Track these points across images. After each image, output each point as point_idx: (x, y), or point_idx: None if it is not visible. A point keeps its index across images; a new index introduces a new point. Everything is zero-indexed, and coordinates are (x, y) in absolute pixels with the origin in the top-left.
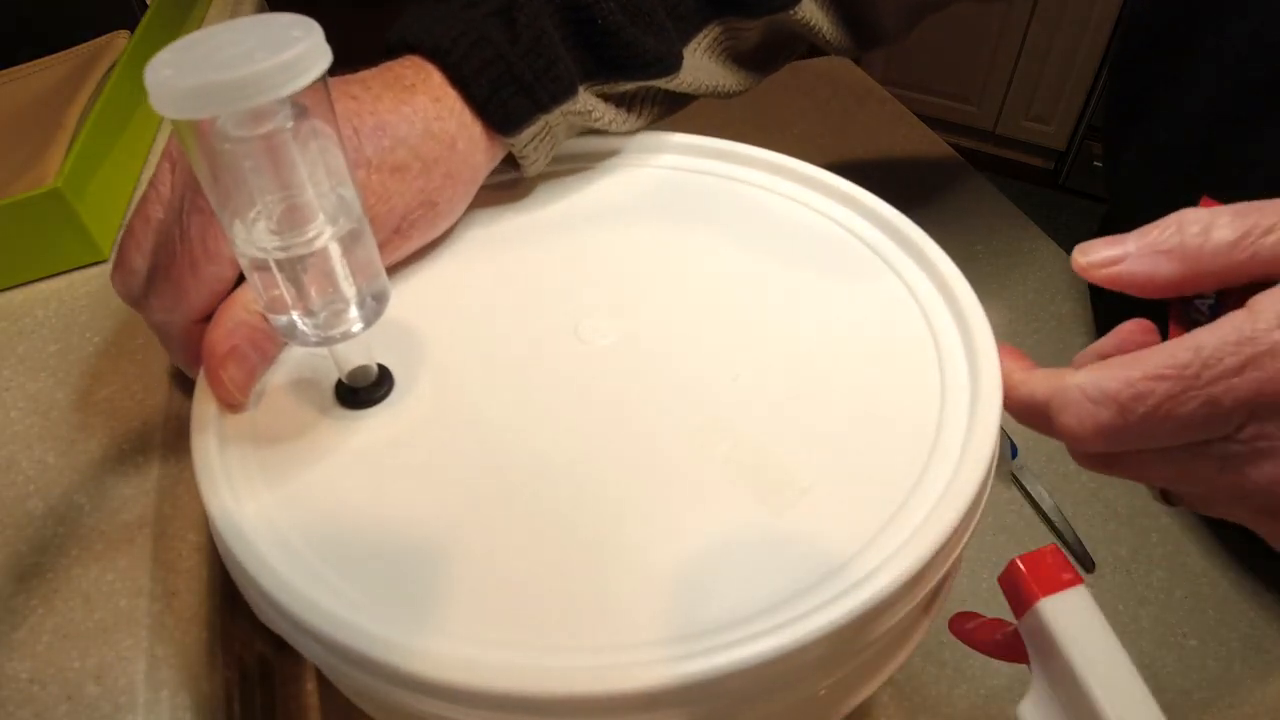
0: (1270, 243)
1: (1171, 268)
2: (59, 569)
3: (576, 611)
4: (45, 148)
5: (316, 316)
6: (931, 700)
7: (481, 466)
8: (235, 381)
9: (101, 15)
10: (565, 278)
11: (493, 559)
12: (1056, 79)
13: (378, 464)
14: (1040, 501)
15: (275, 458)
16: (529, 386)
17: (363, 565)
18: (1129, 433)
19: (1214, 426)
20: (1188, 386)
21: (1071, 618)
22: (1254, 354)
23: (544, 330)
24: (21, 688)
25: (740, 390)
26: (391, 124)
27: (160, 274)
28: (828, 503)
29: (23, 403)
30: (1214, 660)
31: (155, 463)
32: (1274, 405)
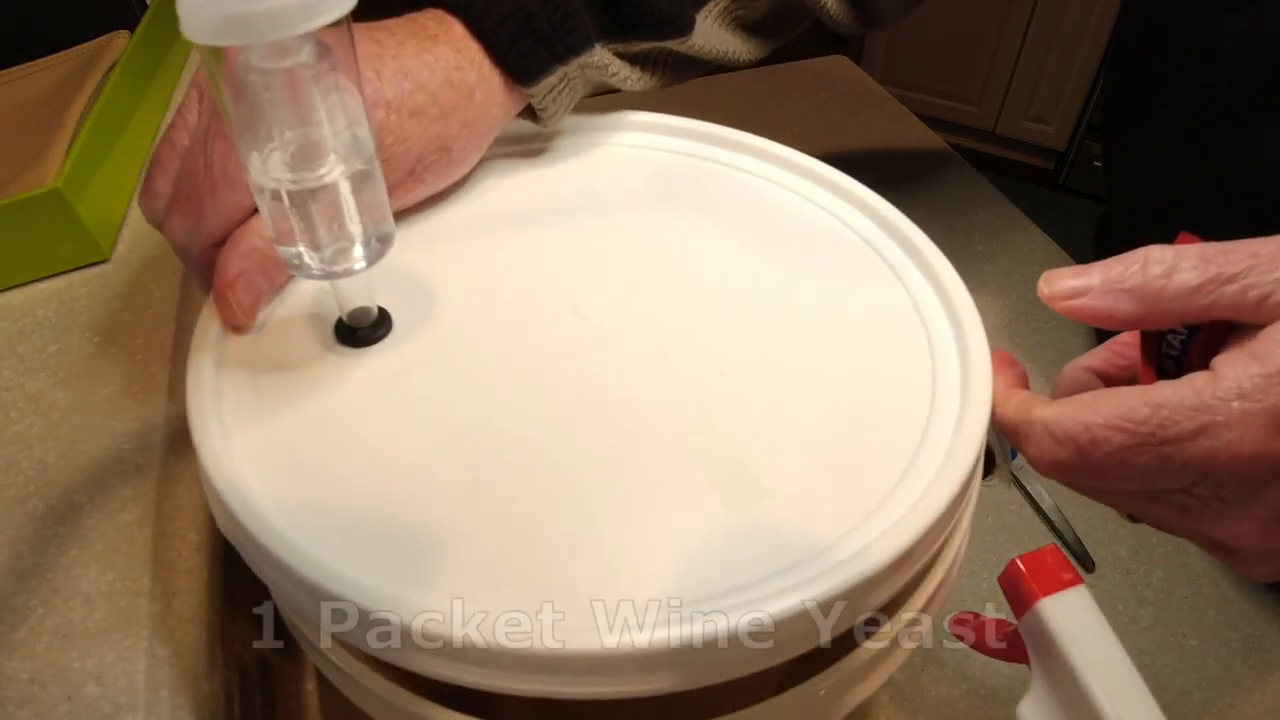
0: (1231, 292)
1: (1131, 307)
2: (59, 569)
3: (562, 566)
4: (45, 148)
5: (322, 252)
6: (931, 700)
7: (469, 416)
8: (241, 305)
9: (101, 15)
10: (567, 254)
11: (472, 505)
12: (1056, 79)
13: (369, 402)
14: (1040, 501)
15: (269, 385)
16: (521, 349)
17: (344, 502)
18: (1086, 471)
19: (1167, 480)
20: (1142, 441)
21: (1071, 618)
22: (1209, 422)
23: (541, 300)
24: (21, 688)
25: (728, 377)
26: (413, 69)
27: (182, 197)
28: (810, 489)
29: (23, 403)
30: (1214, 660)
31: (155, 463)
32: (1226, 471)
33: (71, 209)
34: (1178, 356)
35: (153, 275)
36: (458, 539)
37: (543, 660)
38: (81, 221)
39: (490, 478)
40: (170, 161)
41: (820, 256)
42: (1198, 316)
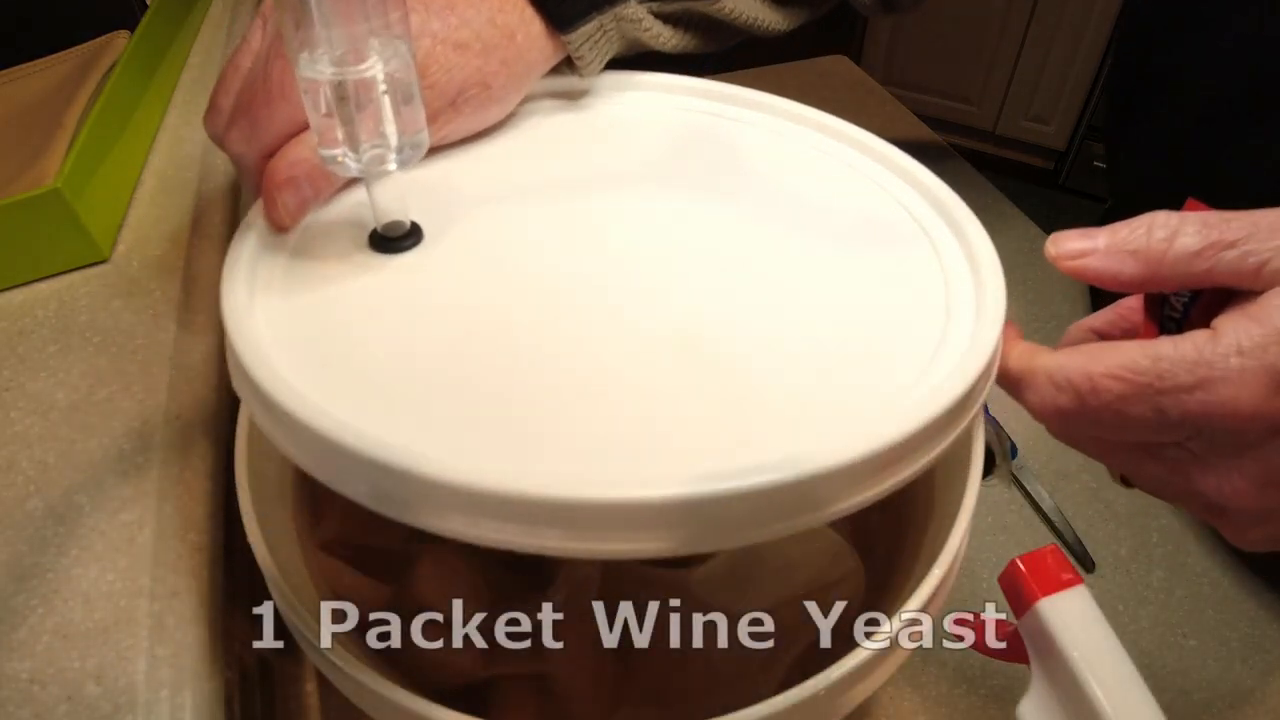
0: (1229, 258)
1: (1134, 268)
2: (59, 569)
3: (578, 431)
4: (45, 148)
5: (361, 153)
6: (931, 700)
7: (484, 310)
8: (287, 207)
9: (101, 15)
10: (595, 189)
11: (483, 378)
12: (1056, 79)
13: (390, 292)
14: (1040, 501)
15: (300, 271)
16: (541, 270)
17: (356, 371)
18: (1083, 420)
19: (1162, 433)
20: (1140, 392)
21: (1071, 618)
22: (1206, 376)
23: (563, 226)
24: (21, 688)
25: (748, 288)
26: (459, 7)
27: (241, 110)
28: (841, 369)
29: (23, 403)
30: (1214, 660)
31: (155, 463)
32: (1222, 427)
33: (71, 209)
34: (1179, 319)
35: (153, 275)
36: (470, 405)
37: (562, 510)
38: (81, 221)
39: (504, 361)
40: (233, 81)
41: (844, 204)
42: (1198, 281)
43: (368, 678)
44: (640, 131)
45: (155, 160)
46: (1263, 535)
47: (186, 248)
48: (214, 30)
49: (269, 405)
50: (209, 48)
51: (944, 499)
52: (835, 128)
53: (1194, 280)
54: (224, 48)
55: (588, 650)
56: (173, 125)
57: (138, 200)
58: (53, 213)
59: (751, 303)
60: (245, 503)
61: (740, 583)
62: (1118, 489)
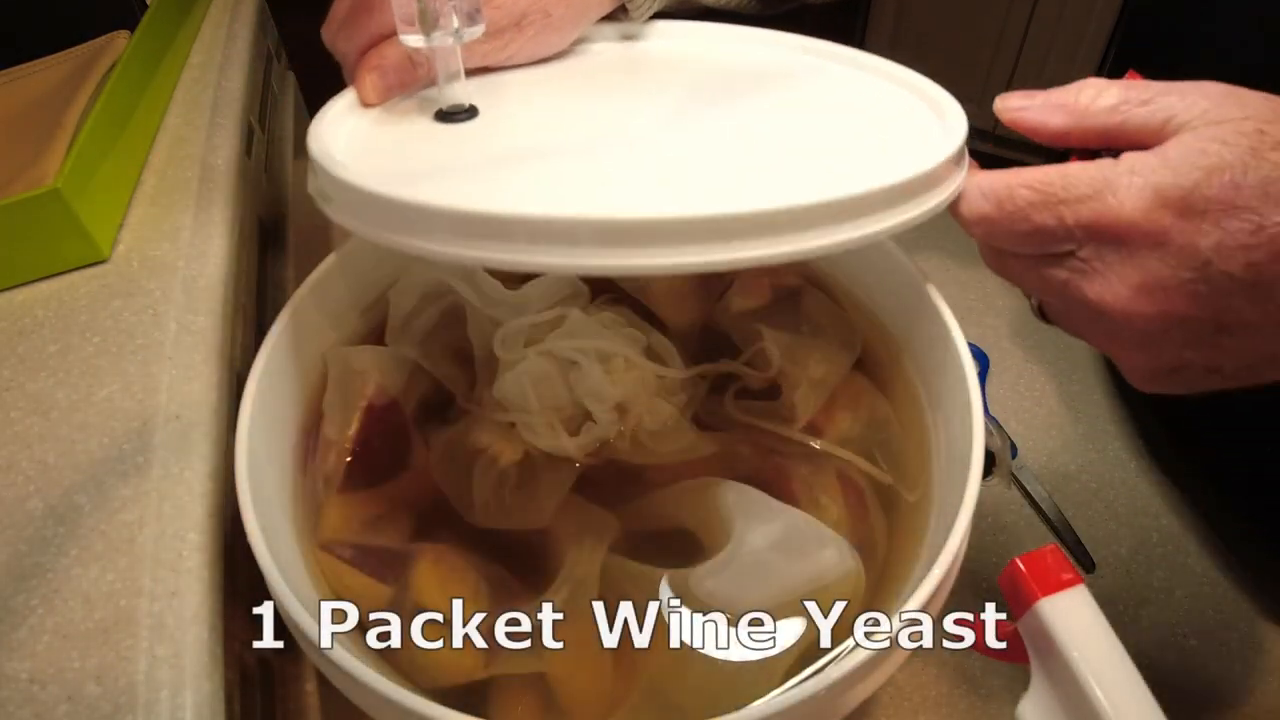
0: (1140, 113)
1: (1061, 120)
2: (59, 569)
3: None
4: (45, 148)
5: (430, 35)
6: (931, 700)
7: (520, 155)
8: (374, 86)
9: (101, 15)
10: (631, 99)
11: (520, 182)
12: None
13: (448, 143)
14: (1040, 501)
15: (376, 132)
16: (573, 136)
17: (420, 177)
18: (1000, 227)
19: (1061, 240)
20: (1046, 200)
21: (1071, 618)
22: (1101, 189)
23: (601, 118)
24: (21, 688)
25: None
26: None
27: (349, 18)
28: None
29: (23, 403)
30: (1214, 660)
31: (155, 463)
32: (1107, 235)
33: (71, 209)
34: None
35: (153, 275)
36: (512, 189)
37: (599, 227)
38: (81, 221)
39: (538, 172)
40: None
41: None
42: (1113, 134)
43: (368, 678)
44: (681, 63)
45: (155, 160)
46: (1146, 363)
47: (186, 248)
48: (214, 30)
49: (350, 189)
50: (209, 48)
51: (944, 499)
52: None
53: (1110, 134)
54: (224, 48)
55: (588, 650)
56: (173, 125)
57: (138, 200)
58: (53, 213)
59: (760, 148)
60: (245, 503)
61: (740, 583)
62: (1118, 489)
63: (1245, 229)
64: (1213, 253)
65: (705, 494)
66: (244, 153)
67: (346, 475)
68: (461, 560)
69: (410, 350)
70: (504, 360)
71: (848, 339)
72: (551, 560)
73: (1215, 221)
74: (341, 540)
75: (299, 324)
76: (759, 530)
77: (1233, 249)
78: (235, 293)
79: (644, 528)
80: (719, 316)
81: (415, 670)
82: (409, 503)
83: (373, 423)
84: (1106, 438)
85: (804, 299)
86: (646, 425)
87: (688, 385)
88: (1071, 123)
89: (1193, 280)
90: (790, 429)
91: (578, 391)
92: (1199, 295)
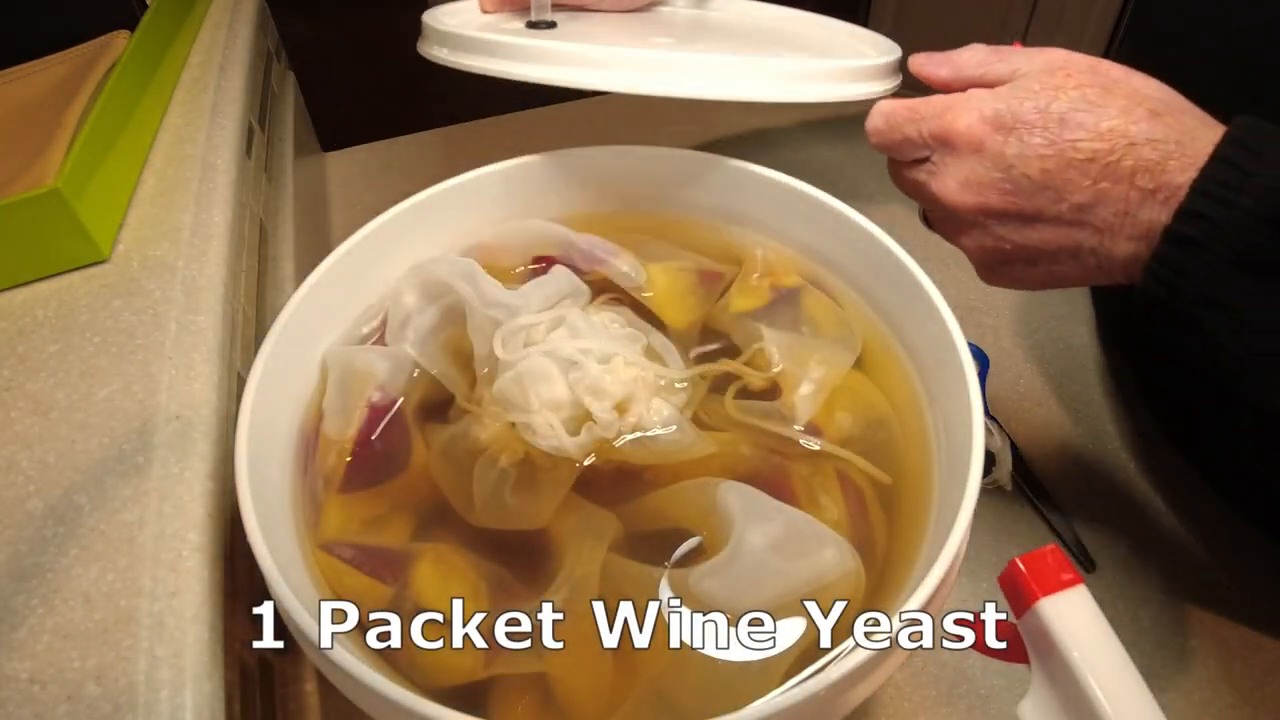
0: (998, 68)
1: (946, 72)
2: (59, 569)
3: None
4: (45, 148)
5: None
6: (931, 700)
7: (578, 42)
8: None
9: (101, 15)
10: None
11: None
12: None
13: (523, 33)
14: (1040, 502)
15: (484, 25)
16: (616, 45)
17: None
18: (884, 136)
19: (918, 147)
20: (911, 118)
21: (1071, 618)
22: (945, 110)
23: (636, 43)
24: (21, 688)
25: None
26: None
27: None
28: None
29: (23, 403)
30: (1214, 660)
31: (155, 463)
32: (945, 143)
33: (71, 209)
34: None
35: (153, 275)
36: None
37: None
38: (81, 221)
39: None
40: None
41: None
42: (978, 81)
43: (368, 678)
44: (719, 22)
45: (155, 160)
46: (975, 246)
47: (186, 248)
48: (214, 30)
49: (468, 43)
50: (209, 48)
51: (944, 499)
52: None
53: (976, 81)
54: (224, 48)
55: (588, 650)
56: (173, 125)
57: (138, 200)
58: (53, 213)
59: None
60: (245, 503)
61: (740, 583)
62: (1118, 489)
63: (1041, 143)
64: (1015, 159)
65: (705, 494)
66: (244, 153)
67: (346, 475)
68: (461, 560)
69: (410, 350)
70: (504, 360)
71: (848, 339)
72: (551, 560)
73: (1019, 136)
74: (341, 540)
75: (299, 324)
76: (759, 530)
77: (1030, 157)
78: (235, 293)
79: (644, 528)
80: (719, 316)
81: (415, 670)
82: (409, 503)
83: (373, 423)
84: (1106, 438)
85: (804, 299)
86: (646, 425)
87: (688, 385)
88: (952, 74)
89: (1001, 179)
90: (790, 429)
91: (578, 391)
92: (1006, 190)
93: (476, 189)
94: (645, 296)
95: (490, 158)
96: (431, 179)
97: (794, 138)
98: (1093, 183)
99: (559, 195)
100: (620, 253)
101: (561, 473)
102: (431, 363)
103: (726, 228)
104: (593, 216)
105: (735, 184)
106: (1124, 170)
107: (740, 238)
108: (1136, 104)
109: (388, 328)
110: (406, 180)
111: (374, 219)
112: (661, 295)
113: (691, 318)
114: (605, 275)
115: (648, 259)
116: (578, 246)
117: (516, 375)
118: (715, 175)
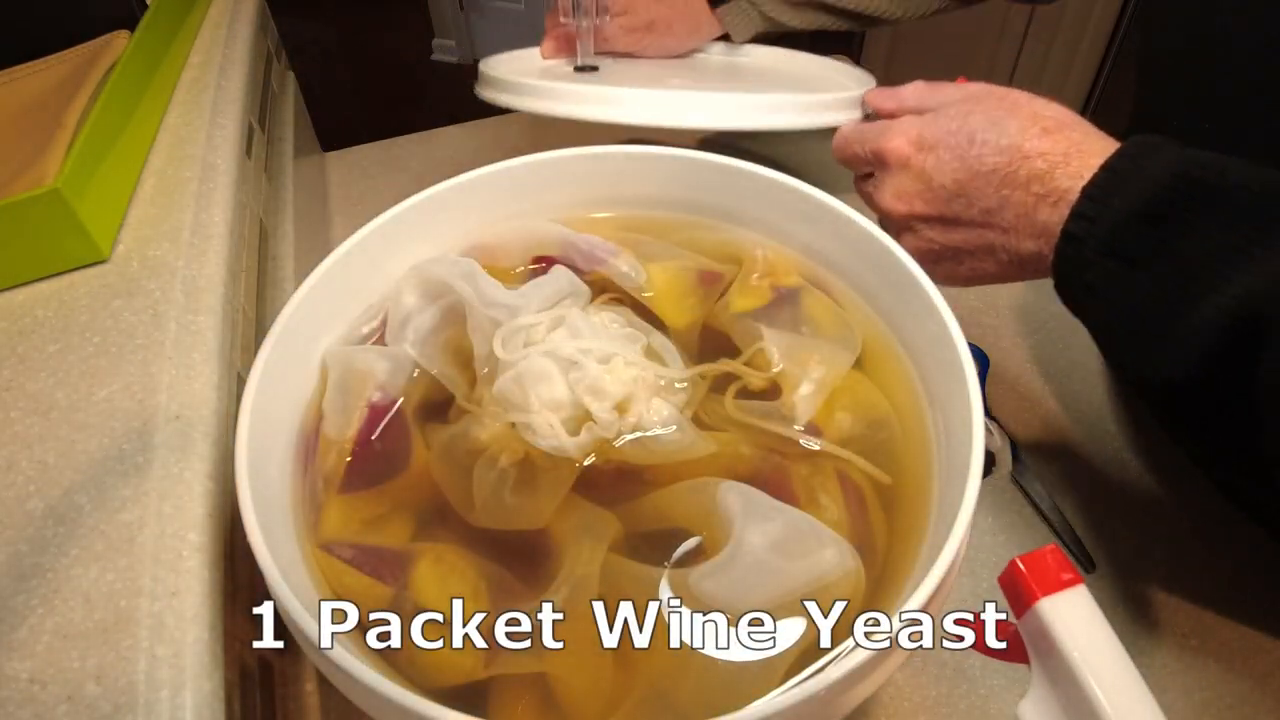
0: (932, 100)
1: (892, 105)
2: (59, 569)
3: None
4: (45, 148)
5: (579, 20)
6: (931, 700)
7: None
8: (549, 46)
9: (101, 15)
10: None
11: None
12: (1056, 79)
13: (577, 81)
14: (1040, 501)
15: (542, 71)
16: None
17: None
18: (842, 153)
19: (865, 163)
20: (858, 139)
21: (1071, 618)
22: (883, 132)
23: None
24: (21, 688)
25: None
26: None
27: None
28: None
29: (23, 403)
30: (1214, 660)
31: (155, 463)
32: (882, 161)
33: (71, 209)
34: None
35: (153, 275)
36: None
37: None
38: (81, 221)
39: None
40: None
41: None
42: (917, 111)
43: (368, 678)
44: (745, 66)
45: (155, 160)
46: (913, 248)
47: (186, 248)
48: (214, 30)
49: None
50: (209, 48)
51: (944, 499)
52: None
53: (915, 112)
54: (224, 48)
55: (588, 650)
56: (173, 125)
57: (138, 200)
58: (53, 213)
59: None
60: (245, 503)
61: (740, 583)
62: (1118, 489)
63: (953, 159)
64: (934, 172)
65: (705, 494)
66: (244, 153)
67: (346, 475)
68: (461, 560)
69: (410, 350)
70: (504, 360)
71: (848, 339)
72: (551, 560)
73: (937, 154)
74: (341, 540)
75: (299, 324)
76: (759, 530)
77: (945, 170)
78: (235, 293)
79: (644, 528)
80: (719, 316)
81: (415, 670)
82: (409, 503)
83: (373, 423)
84: (1106, 438)
85: (804, 299)
86: (646, 425)
87: (687, 385)
88: (896, 105)
89: (924, 189)
90: (790, 429)
91: (578, 391)
92: (928, 199)
93: (476, 189)
94: (645, 296)
95: (491, 158)
96: (431, 179)
97: (794, 138)
98: (996, 190)
99: (559, 195)
100: (620, 253)
101: (561, 473)
102: (431, 363)
103: (726, 228)
104: (593, 216)
105: (735, 184)
106: (1020, 179)
107: (740, 238)
108: (1032, 123)
109: (388, 328)
110: (406, 180)
111: (374, 219)
112: (661, 295)
113: (691, 318)
114: (605, 275)
115: (648, 259)
116: (578, 246)
117: (516, 375)
118: (715, 175)
